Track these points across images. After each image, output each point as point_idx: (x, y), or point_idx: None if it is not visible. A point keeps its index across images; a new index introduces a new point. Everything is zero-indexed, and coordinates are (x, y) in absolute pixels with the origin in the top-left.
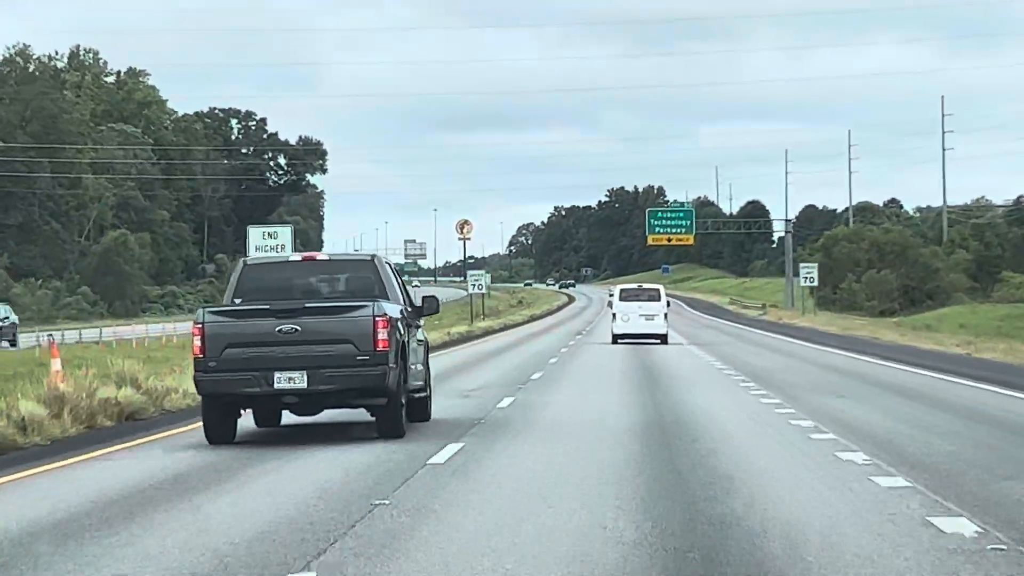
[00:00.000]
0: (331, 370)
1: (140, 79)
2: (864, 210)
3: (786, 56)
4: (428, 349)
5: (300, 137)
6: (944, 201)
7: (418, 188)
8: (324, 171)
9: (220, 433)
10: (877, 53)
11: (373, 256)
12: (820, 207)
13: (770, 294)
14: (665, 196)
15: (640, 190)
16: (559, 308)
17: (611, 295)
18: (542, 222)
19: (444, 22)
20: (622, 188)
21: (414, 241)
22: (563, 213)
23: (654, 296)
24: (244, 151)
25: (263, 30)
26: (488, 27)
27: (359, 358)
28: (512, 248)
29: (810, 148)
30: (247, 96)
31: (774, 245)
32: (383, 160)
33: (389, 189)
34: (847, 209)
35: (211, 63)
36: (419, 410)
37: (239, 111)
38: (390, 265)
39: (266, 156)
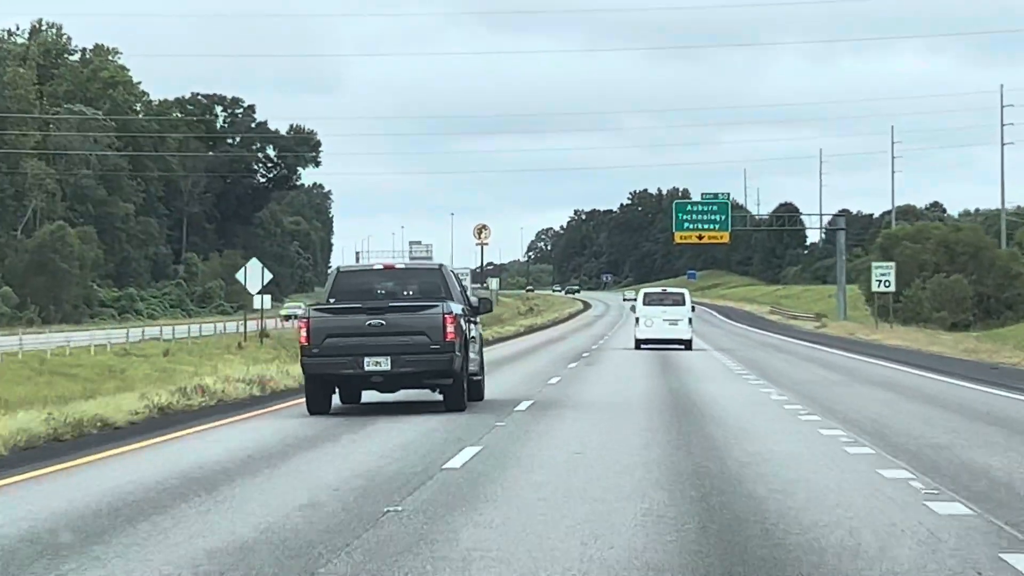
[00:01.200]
0: (409, 356)
1: (108, 57)
2: (906, 213)
3: (812, 62)
4: (483, 342)
5: (291, 126)
6: (1003, 200)
7: (437, 193)
8: (317, 164)
9: (319, 406)
10: (904, 60)
11: (440, 265)
12: (855, 212)
13: (810, 302)
14: (690, 198)
15: (664, 192)
16: (569, 317)
17: (625, 298)
18: (561, 226)
19: (464, 26)
20: (645, 191)
21: (419, 243)
22: (583, 217)
23: (679, 300)
24: (230, 141)
25: (282, 34)
26: (508, 32)
27: (431, 347)
28: (531, 254)
29: (838, 155)
30: (259, 101)
31: (806, 251)
32: (401, 165)
33: (407, 194)
34: (888, 213)
35: (220, 67)
36: (475, 391)
37: (224, 97)
38: (454, 273)
39: (254, 147)
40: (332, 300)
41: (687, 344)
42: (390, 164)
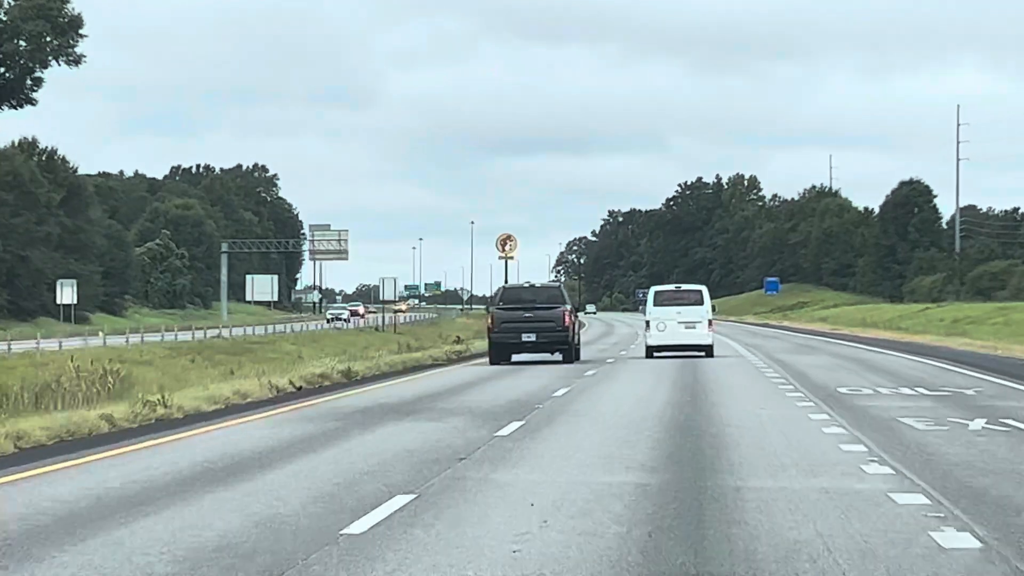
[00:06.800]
0: (546, 332)
1: None
2: None
3: (862, 78)
4: (579, 326)
5: None
6: None
7: (469, 213)
8: (75, 61)
9: (497, 360)
10: (959, 77)
11: (560, 284)
12: (983, 209)
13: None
14: (759, 189)
15: (724, 181)
16: None
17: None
18: (593, 232)
19: (498, 41)
20: (699, 180)
21: (328, 227)
22: (620, 219)
23: (696, 299)
24: None
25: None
26: (543, 46)
27: (557, 328)
28: (559, 269)
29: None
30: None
31: (944, 253)
32: (428, 181)
33: (433, 211)
34: None
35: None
36: (577, 354)
37: None
38: (566, 287)
39: None
40: (501, 303)
41: (707, 350)
42: (417, 180)
